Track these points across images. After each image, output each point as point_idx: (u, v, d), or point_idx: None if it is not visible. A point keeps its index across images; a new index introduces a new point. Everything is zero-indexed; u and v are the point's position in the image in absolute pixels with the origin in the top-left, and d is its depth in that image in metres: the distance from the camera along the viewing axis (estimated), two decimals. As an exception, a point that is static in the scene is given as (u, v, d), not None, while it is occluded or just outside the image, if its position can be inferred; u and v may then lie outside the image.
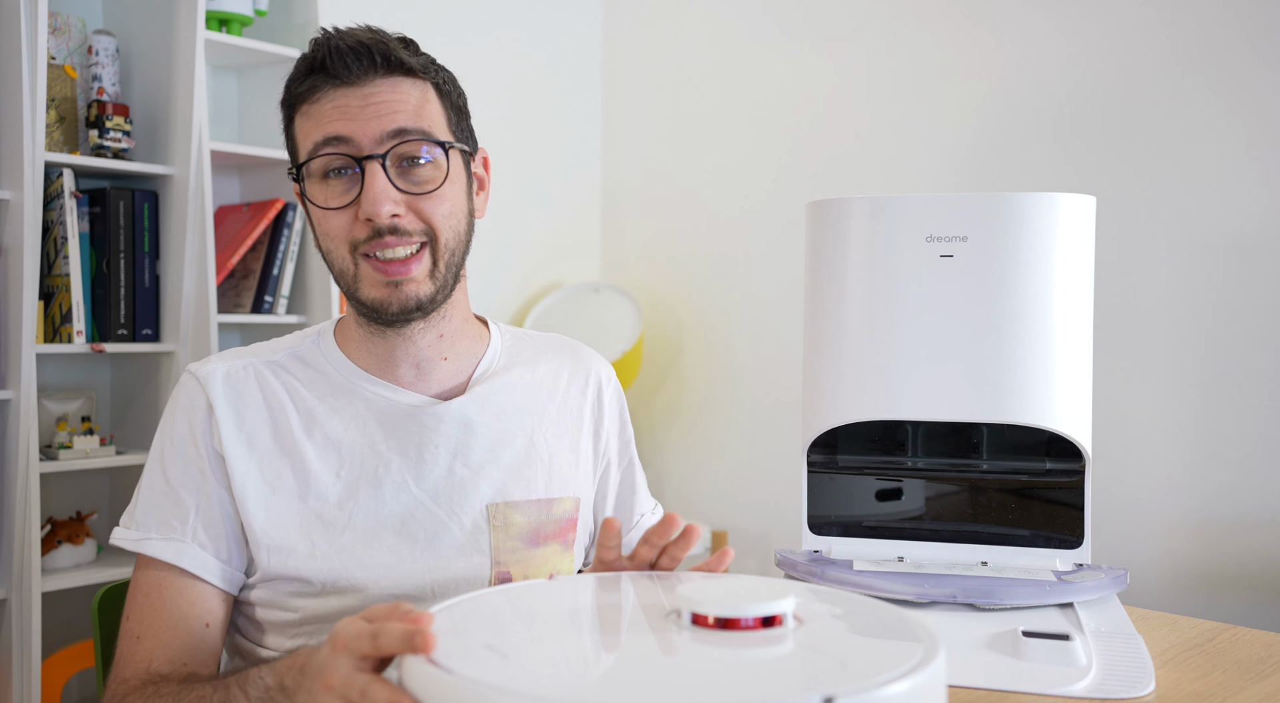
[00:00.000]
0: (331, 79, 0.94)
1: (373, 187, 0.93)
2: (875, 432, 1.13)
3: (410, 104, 0.95)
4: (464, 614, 0.70)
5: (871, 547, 1.11)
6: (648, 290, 2.95)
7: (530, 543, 1.03)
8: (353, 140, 0.94)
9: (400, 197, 0.94)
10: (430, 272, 0.97)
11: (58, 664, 1.90)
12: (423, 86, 0.97)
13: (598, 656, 0.65)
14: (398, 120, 0.94)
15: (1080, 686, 0.83)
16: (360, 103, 0.94)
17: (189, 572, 0.95)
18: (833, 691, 0.54)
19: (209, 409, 0.98)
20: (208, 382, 0.99)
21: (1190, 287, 2.02)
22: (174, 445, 0.99)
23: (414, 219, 0.95)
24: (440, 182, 0.96)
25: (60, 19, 2.04)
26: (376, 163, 0.93)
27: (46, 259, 1.95)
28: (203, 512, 0.97)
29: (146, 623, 0.94)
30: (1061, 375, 1.04)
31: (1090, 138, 2.13)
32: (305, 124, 0.97)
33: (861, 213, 1.08)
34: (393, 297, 0.96)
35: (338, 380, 1.02)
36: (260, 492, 0.97)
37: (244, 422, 0.99)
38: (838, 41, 2.54)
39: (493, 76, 2.77)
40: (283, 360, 1.03)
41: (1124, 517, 2.08)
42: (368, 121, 0.93)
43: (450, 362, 1.05)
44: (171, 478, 0.98)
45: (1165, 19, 2.04)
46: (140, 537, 0.96)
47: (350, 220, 0.95)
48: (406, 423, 1.01)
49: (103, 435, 2.02)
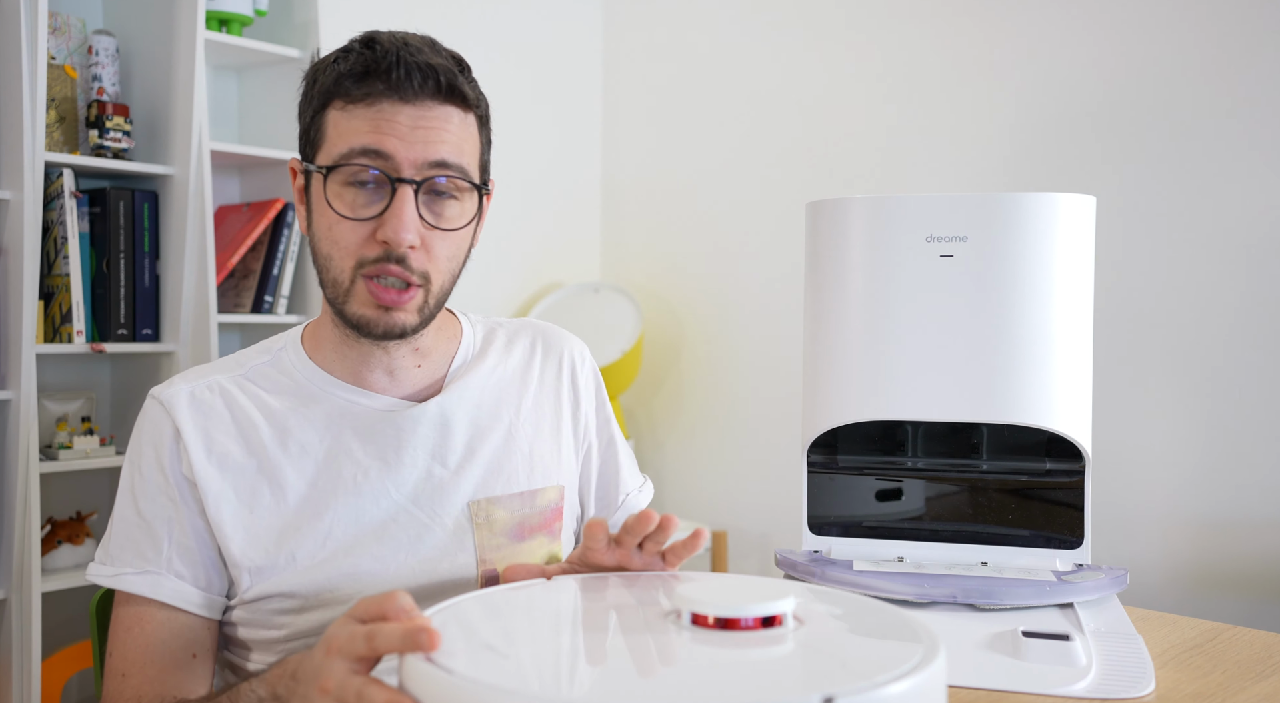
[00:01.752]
0: (389, 91, 0.91)
1: (401, 212, 0.90)
2: (875, 432, 1.13)
3: (455, 136, 0.93)
4: (463, 614, 0.70)
5: (871, 547, 1.11)
6: (648, 290, 2.95)
7: (515, 538, 1.02)
8: (393, 159, 0.90)
9: (421, 229, 0.92)
10: (421, 306, 0.95)
11: (58, 664, 1.90)
12: (469, 120, 0.95)
13: (598, 656, 0.65)
14: (442, 151, 0.92)
15: (1080, 686, 0.83)
16: (410, 123, 0.91)
17: (168, 604, 0.93)
18: (833, 691, 0.54)
19: (175, 435, 0.96)
20: (172, 406, 0.96)
21: (1190, 287, 2.02)
22: (142, 475, 0.96)
23: (422, 258, 0.93)
24: (464, 223, 0.95)
25: (60, 19, 2.04)
26: (410, 189, 0.91)
27: (46, 259, 1.95)
28: (177, 541, 0.94)
29: (131, 659, 0.93)
30: (1061, 375, 1.04)
31: (1090, 138, 2.13)
32: (345, 122, 0.92)
33: (861, 213, 1.08)
34: (380, 320, 0.94)
35: (309, 389, 1.00)
36: (237, 512, 0.95)
37: (213, 444, 0.96)
38: (838, 42, 2.54)
39: (493, 76, 2.76)
40: (249, 374, 1.01)
41: (1124, 517, 2.08)
42: (413, 145, 0.91)
43: (424, 366, 1.04)
44: (143, 509, 0.96)
45: (1165, 19, 2.04)
46: (116, 572, 0.94)
47: (365, 237, 0.92)
48: (382, 427, 0.99)
49: (103, 436, 2.02)
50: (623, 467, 1.16)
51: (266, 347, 1.05)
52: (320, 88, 0.94)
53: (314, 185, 0.95)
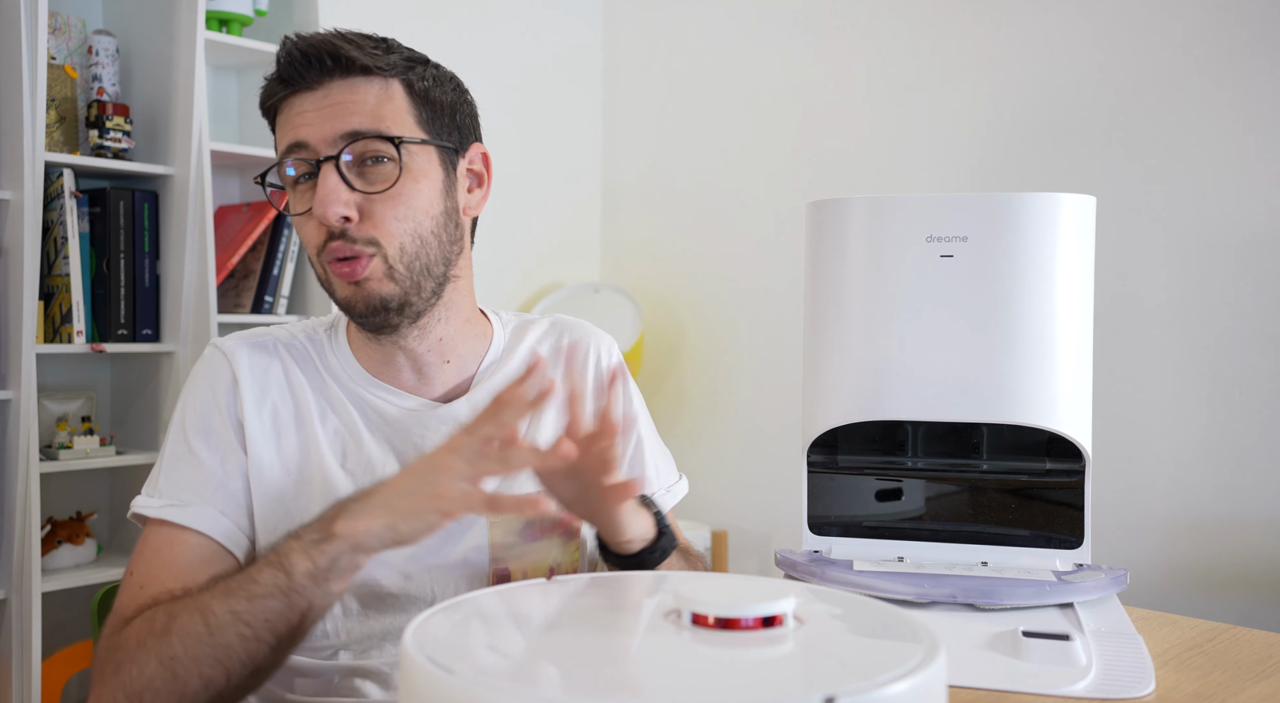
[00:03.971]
0: (289, 86, 0.95)
1: (322, 187, 0.92)
2: (875, 432, 1.13)
3: (367, 104, 0.94)
4: (464, 614, 0.70)
5: (871, 547, 1.11)
6: (648, 290, 2.95)
7: (529, 538, 1.03)
8: (309, 144, 0.94)
9: (351, 197, 0.93)
10: (387, 272, 0.95)
11: (58, 664, 1.90)
12: (384, 84, 0.96)
13: (598, 655, 0.65)
14: (351, 122, 0.93)
15: (1080, 686, 0.83)
16: (315, 107, 0.94)
17: (204, 533, 0.94)
18: (833, 691, 0.54)
19: (234, 381, 0.98)
20: (233, 355, 0.99)
21: (1190, 287, 2.02)
22: (198, 412, 0.98)
23: (366, 226, 0.94)
24: (394, 180, 0.94)
25: (60, 19, 2.04)
26: (330, 165, 0.93)
27: (46, 259, 1.95)
28: (224, 480, 0.96)
29: (153, 574, 0.92)
30: (1062, 375, 1.04)
31: (1090, 138, 2.13)
32: (278, 133, 0.98)
33: (861, 213, 1.08)
34: (356, 295, 0.95)
35: (344, 380, 1.02)
36: (274, 466, 0.97)
37: (266, 397, 0.99)
38: (838, 42, 2.54)
39: (493, 76, 2.77)
40: (301, 345, 1.03)
41: (1124, 517, 2.08)
42: (322, 124, 0.93)
43: (453, 364, 1.04)
44: (195, 447, 0.97)
45: (1165, 19, 2.04)
46: (163, 504, 0.95)
47: (316, 225, 0.95)
48: (405, 427, 1.00)
49: (103, 435, 2.02)
50: (648, 465, 1.15)
51: (314, 326, 1.07)
52: (263, 114, 1.01)
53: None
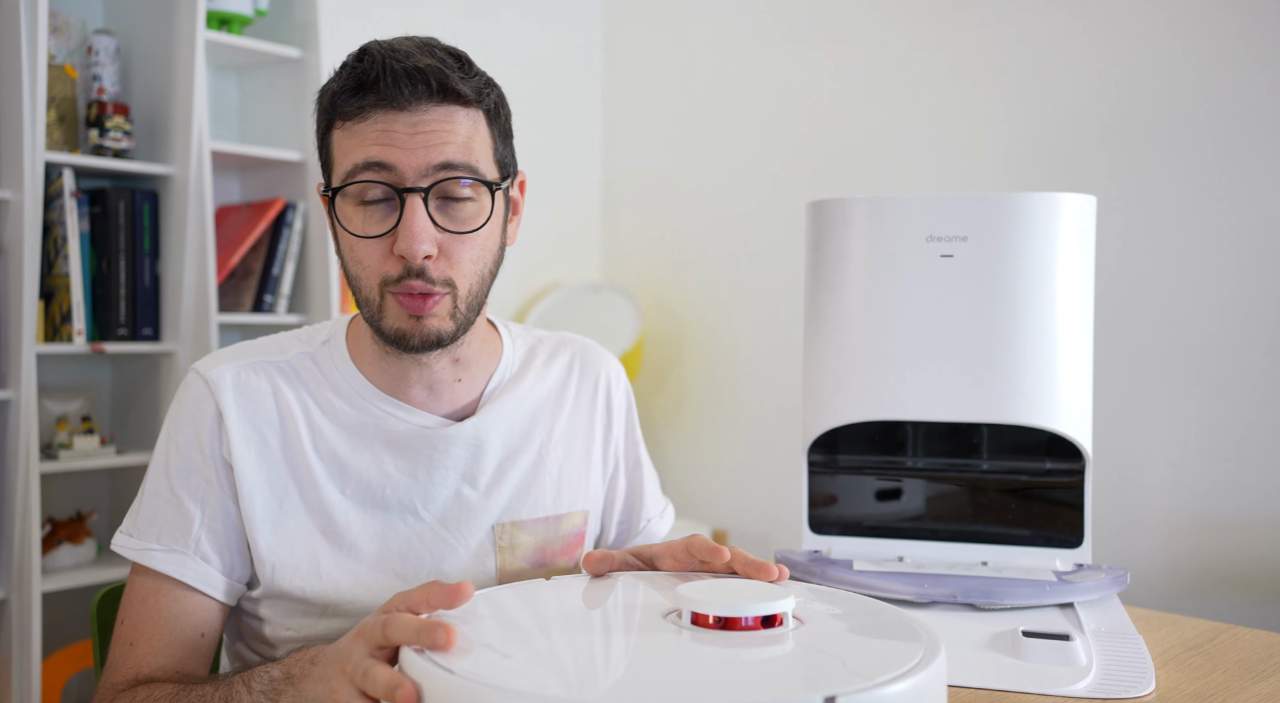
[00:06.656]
0: (381, 102, 0.88)
1: (412, 222, 0.88)
2: (875, 432, 1.13)
3: (460, 135, 0.90)
4: (464, 614, 0.70)
5: (871, 547, 1.11)
6: (648, 290, 2.95)
7: (536, 563, 1.02)
8: (396, 169, 0.88)
9: (437, 235, 0.90)
10: (451, 311, 0.93)
11: (58, 664, 1.90)
12: (474, 115, 0.92)
13: (598, 655, 0.65)
14: (446, 152, 0.89)
15: (1080, 686, 0.83)
16: (408, 130, 0.88)
17: (189, 585, 0.92)
18: (833, 691, 0.54)
19: (218, 416, 0.94)
20: (217, 387, 0.95)
21: (1190, 287, 2.02)
22: (179, 451, 0.95)
23: (442, 266, 0.91)
24: (481, 223, 0.92)
25: (60, 19, 2.04)
26: (418, 197, 0.88)
27: (46, 259, 1.95)
28: (207, 523, 0.94)
29: (141, 630, 0.92)
30: (1062, 376, 1.04)
31: (1091, 138, 2.13)
32: (346, 141, 0.91)
33: (861, 213, 1.08)
34: (415, 330, 0.92)
35: (349, 395, 0.98)
36: (268, 506, 0.94)
37: (254, 430, 0.95)
38: (838, 41, 2.54)
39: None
40: (293, 362, 0.99)
41: (1124, 517, 2.08)
42: (414, 151, 0.88)
43: (464, 382, 1.02)
44: (176, 486, 0.94)
45: (1165, 20, 2.04)
46: (142, 547, 0.93)
47: (384, 253, 0.90)
48: (417, 445, 0.98)
49: (103, 435, 2.02)
50: (647, 492, 1.14)
51: (308, 337, 1.02)
52: (322, 110, 0.94)
53: (334, 208, 0.93)
